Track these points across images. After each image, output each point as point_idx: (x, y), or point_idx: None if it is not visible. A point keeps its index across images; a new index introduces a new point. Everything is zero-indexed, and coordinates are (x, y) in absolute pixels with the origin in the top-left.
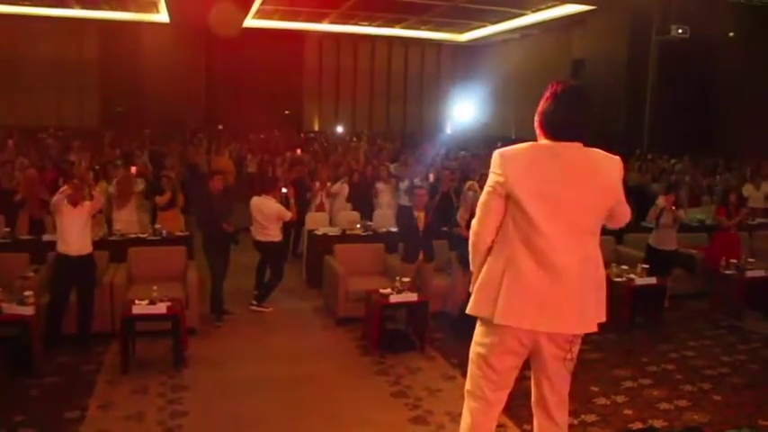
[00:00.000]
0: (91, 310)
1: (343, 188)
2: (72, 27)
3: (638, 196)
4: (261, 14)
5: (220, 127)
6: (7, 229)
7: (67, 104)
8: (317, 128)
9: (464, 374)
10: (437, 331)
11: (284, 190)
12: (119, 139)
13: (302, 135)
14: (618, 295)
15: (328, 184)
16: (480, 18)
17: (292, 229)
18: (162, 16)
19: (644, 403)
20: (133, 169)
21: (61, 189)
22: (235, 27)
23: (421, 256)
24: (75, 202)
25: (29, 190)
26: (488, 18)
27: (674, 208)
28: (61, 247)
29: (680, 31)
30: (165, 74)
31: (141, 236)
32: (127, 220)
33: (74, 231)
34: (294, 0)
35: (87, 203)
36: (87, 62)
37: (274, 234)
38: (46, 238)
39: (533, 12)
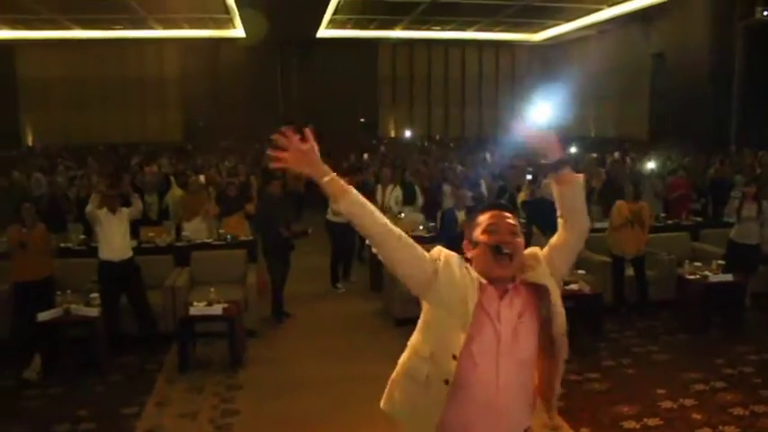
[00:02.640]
0: (147, 311)
1: (396, 191)
2: (154, 47)
3: (718, 190)
4: (334, 24)
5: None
6: (83, 237)
7: (152, 120)
8: (393, 134)
9: None
10: None
11: None
12: (199, 151)
13: (374, 141)
14: (690, 294)
15: (390, 186)
16: (554, 16)
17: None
18: (238, 31)
19: (715, 407)
20: (201, 178)
21: (91, 199)
22: (308, 38)
23: None
24: (113, 209)
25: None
26: (563, 16)
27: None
28: (105, 254)
29: (765, 13)
30: (242, 86)
31: (207, 241)
32: (196, 229)
33: (116, 237)
34: (366, 8)
35: (125, 209)
36: (169, 79)
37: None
38: None
39: (609, 6)
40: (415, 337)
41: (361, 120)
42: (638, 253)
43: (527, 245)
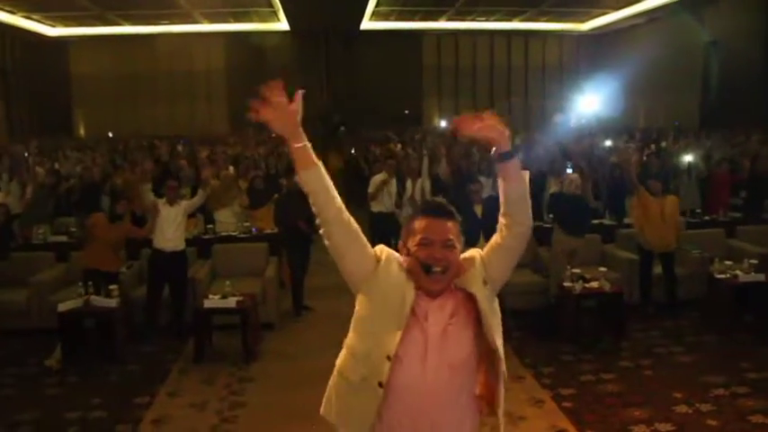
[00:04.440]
0: (183, 303)
1: (426, 183)
2: (201, 41)
3: (759, 182)
4: (377, 16)
5: (342, 128)
6: None
7: (200, 113)
8: (437, 125)
9: (535, 374)
10: (515, 329)
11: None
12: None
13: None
14: (719, 293)
15: (419, 180)
16: (602, 5)
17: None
18: (282, 24)
19: (733, 414)
20: (230, 169)
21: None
22: (352, 30)
23: None
24: (171, 200)
25: (127, 190)
26: (610, 4)
27: None
28: (157, 243)
29: None
30: (287, 78)
31: (232, 233)
32: (225, 221)
33: (170, 228)
34: None
35: (184, 202)
36: (215, 72)
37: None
38: None
39: None
40: (350, 337)
41: (406, 111)
42: (666, 248)
43: (548, 241)
